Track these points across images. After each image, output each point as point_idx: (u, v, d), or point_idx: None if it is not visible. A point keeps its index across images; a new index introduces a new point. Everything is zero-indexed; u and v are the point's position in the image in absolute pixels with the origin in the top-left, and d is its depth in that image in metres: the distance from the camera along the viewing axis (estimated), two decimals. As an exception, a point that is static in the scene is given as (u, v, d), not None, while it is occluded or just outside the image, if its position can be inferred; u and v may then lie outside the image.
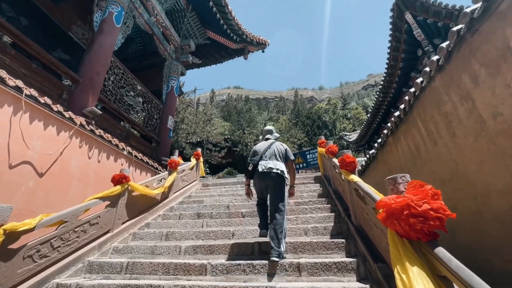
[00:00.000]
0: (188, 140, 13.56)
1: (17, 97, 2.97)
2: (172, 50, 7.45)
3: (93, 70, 4.43)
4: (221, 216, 3.77)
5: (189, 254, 2.75)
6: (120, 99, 5.46)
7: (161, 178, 4.50)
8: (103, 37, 4.71)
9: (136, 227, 3.58)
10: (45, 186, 3.22)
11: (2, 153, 2.81)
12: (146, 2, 6.26)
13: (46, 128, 3.33)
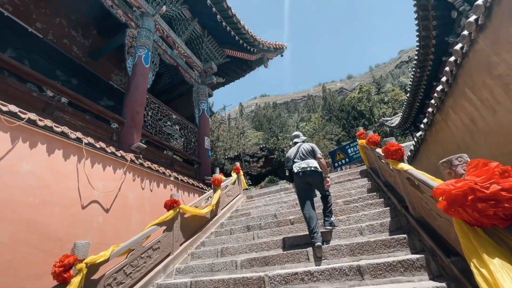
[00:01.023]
0: (226, 156, 14.03)
1: (79, 147, 3.44)
2: (197, 75, 7.91)
3: (133, 110, 4.93)
4: (270, 226, 3.78)
5: (245, 268, 2.80)
6: (159, 130, 5.96)
7: (208, 196, 4.72)
8: (137, 79, 5.24)
9: (193, 247, 3.78)
10: (111, 220, 3.62)
11: (74, 196, 3.26)
12: (167, 38, 6.83)
13: (105, 168, 3.78)
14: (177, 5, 6.85)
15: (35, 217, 2.77)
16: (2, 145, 2.69)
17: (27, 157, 2.88)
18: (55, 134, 3.18)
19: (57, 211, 3.01)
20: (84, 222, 3.27)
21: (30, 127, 2.94)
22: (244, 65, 9.57)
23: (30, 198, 2.79)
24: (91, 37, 7.12)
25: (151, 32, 5.93)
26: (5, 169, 2.66)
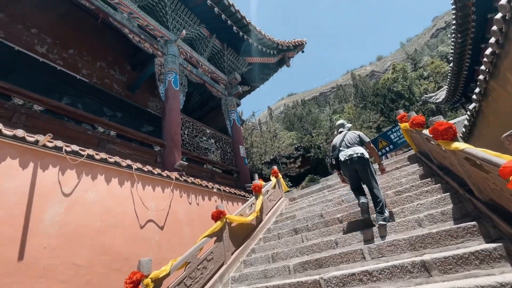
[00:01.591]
0: (262, 161, 14.13)
1: (130, 173, 3.80)
2: (223, 88, 8.19)
3: (171, 131, 5.29)
4: (317, 227, 3.68)
5: (299, 272, 2.76)
6: (197, 146, 6.28)
7: (251, 204, 4.79)
8: (170, 102, 5.63)
9: (244, 254, 3.86)
10: (166, 236, 3.89)
11: (133, 218, 3.59)
12: (191, 59, 7.22)
13: (154, 189, 4.10)
14: (195, 27, 7.22)
15: (104, 240, 3.12)
16: (71, 180, 3.11)
17: (91, 187, 3.27)
18: (110, 164, 3.57)
19: (120, 232, 3.35)
20: (143, 240, 3.57)
21: (90, 161, 3.35)
22: (266, 69, 9.63)
23: (98, 223, 3.16)
24: (126, 72, 7.88)
25: (176, 56, 6.34)
26: (76, 201, 3.06)
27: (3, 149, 2.63)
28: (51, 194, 2.85)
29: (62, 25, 6.50)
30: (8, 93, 3.30)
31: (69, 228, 2.87)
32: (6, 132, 2.62)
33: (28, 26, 5.90)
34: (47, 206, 2.75)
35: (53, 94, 5.60)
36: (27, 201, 2.61)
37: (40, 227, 2.62)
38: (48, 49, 6.12)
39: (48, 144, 2.94)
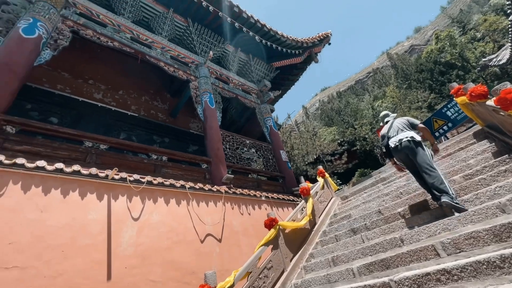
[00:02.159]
0: (306, 162, 13.84)
1: (184, 192, 4.11)
2: (255, 97, 8.36)
3: (214, 148, 5.58)
4: (377, 225, 3.44)
5: (364, 274, 2.60)
6: (239, 158, 6.49)
7: (301, 208, 4.72)
8: (209, 121, 5.96)
9: (303, 260, 3.80)
10: (225, 248, 4.07)
11: (193, 234, 3.86)
12: (221, 76, 7.58)
13: (208, 204, 4.35)
14: (219, 45, 7.60)
15: (173, 257, 3.41)
16: (137, 205, 3.50)
17: (154, 210, 3.63)
18: (166, 187, 3.92)
19: (185, 248, 3.62)
20: (205, 254, 3.79)
21: (150, 187, 3.73)
22: (295, 69, 9.54)
23: (165, 242, 3.48)
24: (167, 100, 8.64)
25: (208, 77, 6.74)
26: (144, 223, 3.42)
27: (84, 186, 3.11)
28: (124, 220, 3.25)
29: (110, 71, 7.49)
30: (80, 138, 3.91)
31: (142, 248, 3.22)
32: (84, 172, 3.10)
33: (86, 79, 6.94)
34: (122, 231, 3.14)
35: (112, 132, 6.43)
36: (106, 229, 3.02)
37: (119, 250, 3.00)
38: (103, 95, 7.09)
39: (115, 177, 3.38)
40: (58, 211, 2.81)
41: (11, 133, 3.32)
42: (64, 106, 6.08)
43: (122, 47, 5.52)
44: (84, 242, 2.79)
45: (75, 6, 5.15)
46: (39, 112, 5.60)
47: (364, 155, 16.32)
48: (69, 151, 3.66)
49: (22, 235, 2.49)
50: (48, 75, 6.15)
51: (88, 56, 7.08)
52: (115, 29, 5.62)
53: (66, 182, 3.00)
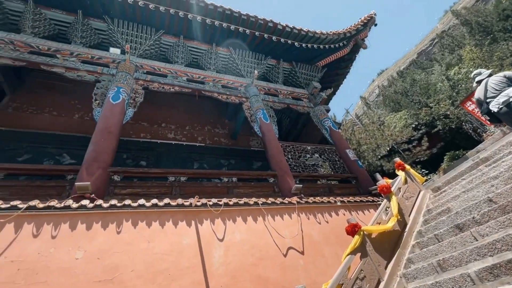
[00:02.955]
0: (378, 157, 12.52)
1: (258, 209, 4.26)
2: (307, 102, 8.22)
3: (277, 161, 5.67)
4: (491, 217, 2.80)
5: (488, 280, 2.13)
6: (304, 166, 6.38)
7: (384, 208, 4.25)
8: (267, 135, 6.13)
9: (400, 267, 3.37)
10: (309, 260, 3.96)
11: (274, 249, 3.91)
12: (269, 90, 7.79)
13: (283, 217, 4.38)
14: (262, 62, 7.88)
15: (259, 273, 3.52)
16: (219, 227, 3.80)
17: (235, 230, 3.86)
18: (241, 206, 4.15)
19: (269, 263, 3.69)
20: (290, 267, 3.77)
21: (227, 208, 4.02)
22: (342, 62, 9.05)
23: (250, 259, 3.63)
24: (226, 125, 9.33)
25: (257, 95, 7.02)
26: (228, 243, 3.67)
27: (175, 216, 3.58)
28: (211, 242, 3.56)
29: (176, 112, 8.62)
30: (165, 175, 4.57)
31: (231, 267, 3.44)
32: (173, 203, 3.59)
33: (159, 123, 8.16)
34: (212, 252, 3.44)
35: (187, 164, 7.26)
36: (199, 251, 3.36)
37: (213, 270, 3.28)
38: (174, 133, 8.16)
39: (197, 204, 3.78)
40: (160, 240, 3.29)
41: (117, 181, 4.15)
42: (148, 149, 7.25)
43: (182, 90, 6.33)
44: (184, 265, 3.17)
45: (142, 67, 6.24)
46: (132, 159, 6.82)
47: (450, 135, 13.73)
48: (158, 188, 4.31)
49: (138, 263, 3.00)
50: (132, 127, 7.50)
51: (157, 104, 8.36)
52: (173, 76, 6.52)
53: (161, 214, 3.52)
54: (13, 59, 5.11)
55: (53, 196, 3.66)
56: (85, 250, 2.87)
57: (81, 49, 5.91)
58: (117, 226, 3.20)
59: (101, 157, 4.06)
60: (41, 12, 5.81)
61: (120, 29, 6.30)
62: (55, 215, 2.99)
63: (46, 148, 6.20)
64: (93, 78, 5.53)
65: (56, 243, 2.82)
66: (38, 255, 2.67)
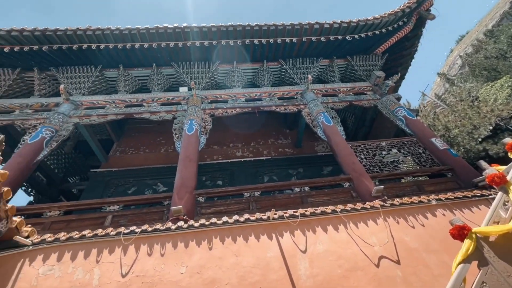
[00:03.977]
0: (478, 140, 10.21)
1: (338, 217, 4.04)
2: (372, 94, 7.55)
3: (348, 163, 5.32)
4: None
5: None
6: (381, 164, 5.77)
7: (501, 202, 3.40)
8: (332, 138, 5.87)
9: (544, 278, 2.59)
10: (409, 271, 3.47)
11: (363, 258, 3.59)
12: (327, 92, 7.52)
13: (367, 224, 4.01)
14: (314, 65, 7.74)
15: (350, 285, 3.28)
16: (300, 239, 3.76)
17: (316, 240, 3.75)
18: (319, 215, 4.02)
19: (360, 275, 3.41)
20: (386, 279, 3.38)
21: (304, 218, 3.96)
22: (406, 42, 8.04)
23: (337, 270, 3.43)
24: (288, 135, 9.39)
25: (315, 99, 6.88)
26: (312, 255, 3.57)
27: (255, 230, 3.75)
28: (294, 254, 3.55)
29: (240, 132, 9.21)
30: (240, 192, 4.90)
31: (319, 279, 3.33)
32: (252, 218, 3.79)
33: (227, 144, 8.86)
34: (297, 264, 3.43)
35: (257, 179, 7.57)
36: (284, 264, 3.40)
37: (301, 283, 3.25)
38: (242, 151, 8.70)
39: (274, 217, 3.87)
40: (246, 254, 3.49)
41: (202, 202, 4.66)
42: (222, 170, 7.91)
43: (242, 110, 6.77)
44: (272, 277, 3.26)
45: (207, 98, 7.00)
46: (210, 180, 7.57)
47: None
48: (237, 204, 4.63)
49: (231, 276, 3.25)
50: (206, 152, 8.36)
51: (222, 128, 9.14)
52: (233, 100, 7.06)
53: (244, 229, 3.75)
54: (116, 114, 6.53)
55: (156, 220, 4.39)
56: (186, 265, 3.29)
57: (159, 94, 7.09)
58: (208, 243, 3.56)
59: (187, 182, 4.67)
60: (128, 73, 7.30)
61: (184, 69, 7.30)
62: (160, 236, 3.57)
63: (145, 180, 7.53)
64: (170, 116, 6.51)
65: (165, 260, 3.33)
66: (154, 271, 3.21)
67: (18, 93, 7.10)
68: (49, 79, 7.16)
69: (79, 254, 3.27)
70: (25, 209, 4.57)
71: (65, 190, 9.10)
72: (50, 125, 5.74)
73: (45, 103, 6.66)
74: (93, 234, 3.41)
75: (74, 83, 6.99)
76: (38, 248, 3.26)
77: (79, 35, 6.17)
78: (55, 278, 3.04)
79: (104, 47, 6.37)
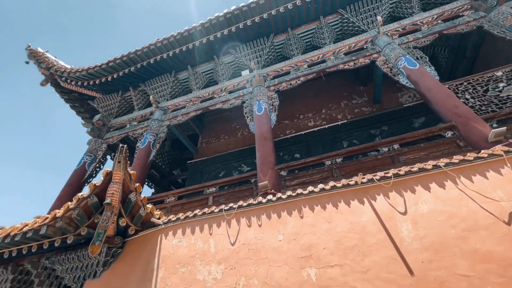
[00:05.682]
0: None
1: (441, 172, 3.47)
2: (471, 14, 5.81)
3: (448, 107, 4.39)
4: None
5: None
6: (497, 101, 4.51)
7: None
8: (422, 83, 4.93)
9: None
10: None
11: (485, 216, 3.01)
12: (405, 29, 6.24)
13: (485, 176, 3.30)
14: (383, 1, 6.49)
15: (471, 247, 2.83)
16: (397, 200, 3.45)
17: (417, 200, 3.36)
18: (416, 173, 3.55)
19: (483, 235, 2.88)
20: (525, 238, 2.75)
21: (398, 179, 3.59)
22: None
23: (451, 231, 3.01)
24: (362, 92, 8.43)
25: (391, 42, 5.86)
26: (414, 216, 3.24)
27: (344, 196, 3.66)
28: (392, 216, 3.31)
29: (308, 101, 8.87)
30: (321, 161, 4.82)
31: (427, 241, 3.01)
32: (338, 185, 3.70)
33: (297, 116, 8.72)
34: (397, 227, 3.19)
35: (336, 145, 7.23)
36: (382, 227, 3.23)
37: (405, 245, 3.03)
38: (313, 120, 8.42)
39: (362, 181, 3.66)
40: (338, 220, 3.48)
41: (285, 175, 4.85)
42: (297, 143, 7.92)
43: (306, 78, 6.45)
44: (370, 241, 3.16)
45: (268, 75, 6.99)
46: (287, 155, 7.73)
47: None
48: (319, 173, 4.60)
49: (326, 241, 3.33)
50: (278, 128, 8.50)
51: (288, 101, 8.99)
52: (295, 69, 6.79)
53: (331, 196, 3.72)
54: (195, 110, 7.37)
55: (248, 196, 4.86)
56: (283, 233, 3.57)
57: (225, 83, 7.53)
58: (298, 212, 3.73)
59: (267, 159, 4.92)
60: (196, 71, 8.00)
61: (242, 53, 7.43)
62: (255, 209, 3.95)
63: (230, 163, 8.35)
64: (239, 101, 6.86)
65: (263, 230, 3.70)
66: (256, 239, 3.62)
67: (125, 111, 8.90)
68: (141, 94, 8.64)
69: (196, 229, 4.02)
70: (151, 198, 5.88)
71: (173, 181, 11.14)
72: (151, 130, 7.02)
73: (143, 113, 8.14)
74: (202, 213, 4.09)
75: (159, 91, 8.21)
76: (167, 226, 4.18)
77: (152, 49, 7.11)
78: (184, 248, 3.86)
79: (172, 53, 7.15)
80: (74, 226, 3.65)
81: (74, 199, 3.56)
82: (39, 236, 3.62)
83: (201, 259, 3.62)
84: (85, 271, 3.89)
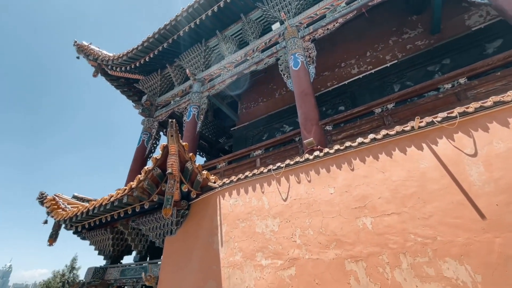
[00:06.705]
0: None
1: None
2: None
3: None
4: None
5: None
6: None
7: None
8: (499, -5, 3.90)
9: None
10: None
11: None
12: None
13: None
14: None
15: None
16: (464, 142, 3.06)
17: (492, 139, 2.93)
18: (491, 108, 3.04)
19: None
20: None
21: (467, 117, 3.13)
22: None
23: (536, 170, 2.61)
24: (416, 23, 7.15)
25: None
26: (487, 157, 2.87)
27: (399, 144, 3.40)
28: (459, 160, 2.98)
29: (349, 45, 7.95)
30: (369, 109, 4.45)
31: (504, 182, 2.68)
32: (391, 133, 3.42)
33: (338, 65, 7.98)
34: (466, 170, 2.89)
35: (386, 90, 6.54)
36: (445, 172, 2.96)
37: (475, 189, 2.76)
38: (357, 66, 7.62)
39: (420, 125, 3.30)
40: (393, 169, 3.30)
41: (330, 130, 4.67)
42: (340, 94, 7.40)
43: (345, 18, 5.69)
44: (432, 187, 2.95)
45: (301, 24, 6.37)
46: (331, 108, 7.33)
47: None
48: (368, 123, 4.30)
49: (382, 191, 3.23)
50: (318, 82, 7.98)
51: (326, 49, 8.19)
52: (331, 11, 6.02)
53: (384, 145, 3.49)
54: (230, 77, 7.33)
55: (294, 155, 4.89)
56: (334, 187, 3.57)
57: (256, 42, 7.18)
58: (348, 165, 3.64)
59: (309, 115, 4.76)
60: (225, 35, 7.75)
61: (270, 4, 6.82)
62: (302, 166, 3.99)
63: (272, 125, 8.36)
64: (273, 59, 6.53)
65: (313, 185, 3.76)
66: (307, 194, 3.73)
67: (166, 88, 9.37)
68: (178, 69, 8.88)
69: (249, 189, 4.30)
70: (205, 166, 6.40)
71: (220, 148, 11.81)
72: (193, 103, 7.33)
73: (183, 88, 8.46)
74: (252, 174, 4.32)
75: (193, 63, 8.31)
76: (223, 189, 4.56)
77: (179, 21, 7.04)
78: (240, 206, 4.22)
79: (199, 21, 6.98)
80: (147, 194, 4.26)
81: (142, 172, 4.10)
82: (122, 204, 4.36)
83: (257, 215, 3.92)
84: (163, 229, 4.63)
